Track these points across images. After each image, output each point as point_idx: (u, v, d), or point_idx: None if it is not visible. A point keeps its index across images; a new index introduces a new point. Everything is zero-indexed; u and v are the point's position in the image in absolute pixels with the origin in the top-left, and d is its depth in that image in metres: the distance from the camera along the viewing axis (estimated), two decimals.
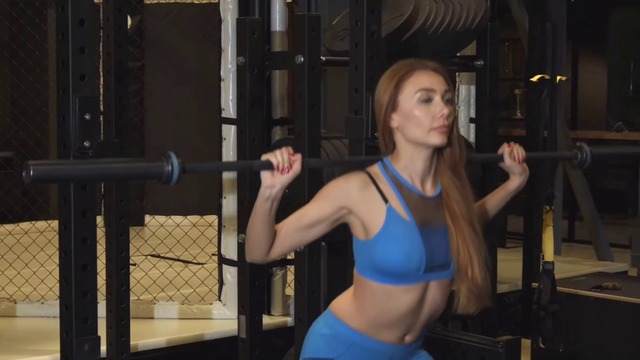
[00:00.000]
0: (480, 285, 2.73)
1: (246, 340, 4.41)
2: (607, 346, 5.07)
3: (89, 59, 3.09)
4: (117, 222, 4.27)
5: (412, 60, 2.76)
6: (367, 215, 2.70)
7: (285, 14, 5.19)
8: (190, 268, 6.16)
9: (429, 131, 2.68)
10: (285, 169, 2.60)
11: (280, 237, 2.72)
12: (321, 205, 2.72)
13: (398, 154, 2.75)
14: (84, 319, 3.13)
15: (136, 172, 2.52)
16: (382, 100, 2.74)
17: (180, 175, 2.46)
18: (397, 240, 2.68)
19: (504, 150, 3.01)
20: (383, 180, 2.73)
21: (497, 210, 3.11)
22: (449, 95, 2.72)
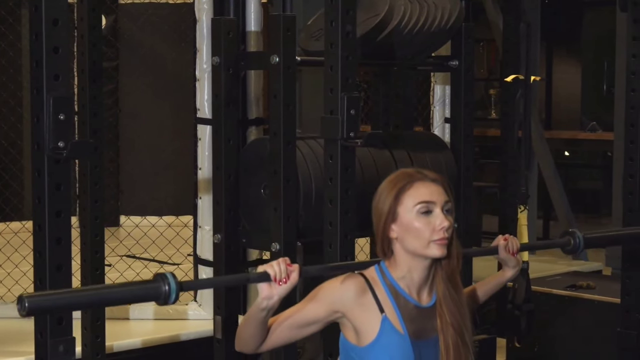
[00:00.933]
0: None
1: (222, 341, 4.40)
2: (581, 345, 5.10)
3: (63, 59, 3.07)
4: (92, 222, 4.26)
5: (411, 171, 2.77)
6: (361, 322, 2.70)
7: (260, 14, 5.18)
8: (166, 268, 6.15)
9: (429, 243, 2.68)
10: (283, 280, 2.58)
11: (272, 334, 2.72)
12: (316, 307, 2.72)
13: (396, 262, 2.75)
14: (59, 320, 3.11)
15: (134, 295, 2.50)
16: (381, 211, 2.74)
17: (178, 295, 2.44)
18: (389, 354, 2.69)
19: (499, 244, 3.01)
20: (380, 288, 2.73)
21: (487, 297, 3.12)
22: (449, 206, 2.71)
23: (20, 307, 2.31)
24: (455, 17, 4.86)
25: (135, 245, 6.61)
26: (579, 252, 3.22)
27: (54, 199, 3.09)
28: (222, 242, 4.39)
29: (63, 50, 3.07)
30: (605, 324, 4.95)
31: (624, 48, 5.85)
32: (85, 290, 2.59)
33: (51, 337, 3.09)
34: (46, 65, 3.05)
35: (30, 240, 3.27)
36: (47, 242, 3.11)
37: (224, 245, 4.39)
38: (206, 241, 5.05)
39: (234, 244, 4.43)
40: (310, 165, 4.43)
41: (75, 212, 4.50)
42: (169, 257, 6.41)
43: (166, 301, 2.43)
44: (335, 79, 3.96)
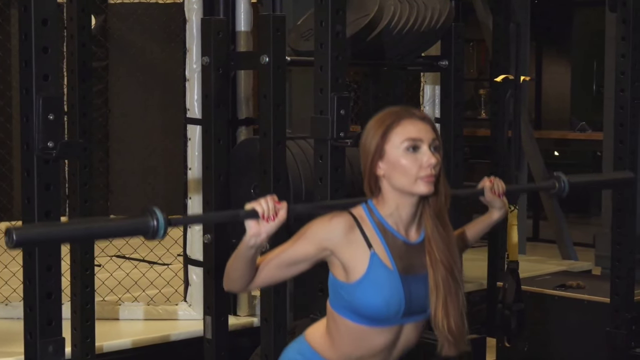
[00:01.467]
0: (455, 334, 2.77)
1: (212, 341, 4.40)
2: (571, 344, 5.11)
3: (52, 59, 3.07)
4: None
5: (399, 109, 2.77)
6: (350, 259, 2.70)
7: (250, 14, 5.18)
8: (156, 269, 6.14)
9: (416, 180, 2.68)
10: (271, 217, 2.59)
11: (260, 273, 2.72)
12: (304, 245, 2.72)
13: (384, 200, 2.75)
14: (48, 321, 3.11)
15: (122, 229, 2.49)
16: (369, 148, 2.74)
17: (166, 229, 2.45)
18: (378, 288, 2.68)
19: (485, 185, 3.02)
20: (368, 224, 2.73)
21: (476, 239, 3.14)
22: (436, 144, 2.72)
23: (7, 240, 2.29)
24: (445, 17, 4.87)
25: (125, 246, 6.60)
26: (564, 194, 3.22)
27: (44, 199, 3.09)
28: (212, 242, 4.39)
29: (52, 50, 3.07)
30: (594, 323, 4.96)
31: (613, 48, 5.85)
32: (74, 223, 2.57)
33: (41, 337, 3.09)
34: (35, 65, 3.05)
35: None
36: None
37: (214, 245, 4.39)
38: (196, 241, 5.05)
39: (223, 243, 4.43)
40: (300, 165, 4.43)
41: (65, 213, 4.49)
42: (158, 257, 6.40)
43: (154, 236, 2.44)
44: (325, 79, 3.96)
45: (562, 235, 8.21)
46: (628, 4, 4.72)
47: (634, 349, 4.73)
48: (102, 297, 5.32)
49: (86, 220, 2.65)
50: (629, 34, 4.73)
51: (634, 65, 4.74)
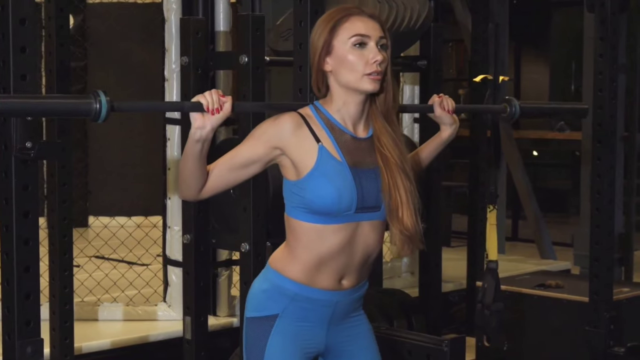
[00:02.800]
0: (410, 228, 2.76)
1: (192, 342, 4.39)
2: (550, 344, 5.12)
3: (30, 59, 3.06)
4: (60, 223, 4.23)
5: (349, 5, 2.80)
6: (299, 155, 2.73)
7: (229, 14, 5.17)
8: (135, 269, 6.12)
9: (362, 77, 2.71)
10: (216, 110, 2.61)
11: (213, 177, 2.73)
12: (254, 145, 2.73)
13: (331, 98, 2.78)
14: (27, 322, 3.09)
15: (64, 108, 2.51)
16: (317, 44, 2.77)
17: (108, 113, 2.46)
18: (328, 179, 2.70)
19: (434, 101, 3.05)
20: (315, 122, 2.76)
21: (430, 159, 3.15)
22: (383, 42, 2.75)
23: None
24: (424, 17, 4.88)
25: (104, 246, 6.59)
26: (514, 118, 3.24)
27: (22, 200, 3.07)
28: (192, 242, 4.38)
29: (30, 50, 3.05)
30: (573, 322, 4.98)
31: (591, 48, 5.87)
32: (17, 97, 2.56)
33: (19, 338, 3.07)
34: (13, 64, 3.03)
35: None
36: (14, 243, 3.09)
37: (194, 245, 4.38)
38: (175, 242, 5.04)
39: (203, 244, 4.42)
40: None
41: (43, 213, 4.47)
42: (138, 257, 6.38)
43: (96, 117, 2.45)
44: (305, 79, 3.95)
45: (540, 234, 8.24)
46: (606, 4, 4.73)
47: (612, 348, 4.75)
48: (81, 298, 5.30)
49: (31, 96, 2.64)
50: (607, 34, 4.74)
51: (612, 65, 4.76)
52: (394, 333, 4.23)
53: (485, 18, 6.47)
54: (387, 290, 5.32)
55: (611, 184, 4.80)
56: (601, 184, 4.77)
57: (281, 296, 2.79)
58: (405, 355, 4.10)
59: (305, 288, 2.79)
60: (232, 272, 5.23)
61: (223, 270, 5.18)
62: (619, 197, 7.01)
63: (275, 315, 2.80)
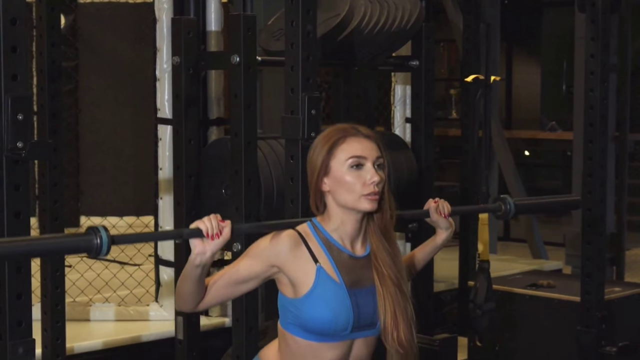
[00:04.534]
0: (405, 346, 2.77)
1: (183, 342, 4.38)
2: (542, 343, 5.13)
3: (21, 59, 3.05)
4: (51, 223, 4.23)
5: (345, 126, 2.81)
6: (297, 274, 2.73)
7: (220, 13, 5.17)
8: (127, 269, 6.12)
9: (360, 197, 2.72)
10: (215, 235, 2.61)
11: (210, 292, 2.74)
12: (252, 263, 2.74)
13: (329, 216, 2.79)
14: (18, 322, 3.09)
15: (66, 247, 2.51)
16: (314, 164, 2.78)
17: (109, 248, 2.46)
18: (325, 301, 2.71)
19: (430, 206, 3.04)
20: (313, 240, 2.76)
21: (424, 263, 3.15)
22: (380, 161, 2.76)
23: None
24: (415, 17, 4.88)
25: None
26: (509, 216, 3.26)
27: (13, 200, 3.06)
28: (183, 242, 4.38)
29: (21, 50, 3.05)
30: (565, 322, 4.99)
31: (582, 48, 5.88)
32: (16, 240, 2.55)
33: (10, 339, 3.07)
34: (4, 64, 3.02)
35: None
36: None
37: (185, 245, 4.37)
38: (167, 242, 5.03)
39: None
40: (271, 165, 4.43)
41: (35, 213, 4.47)
42: (130, 257, 6.38)
43: (97, 254, 2.45)
44: (296, 78, 3.95)
45: (532, 234, 8.26)
46: (597, 4, 4.74)
47: (604, 347, 4.75)
48: (72, 298, 5.29)
49: (30, 238, 2.64)
50: (598, 34, 4.75)
51: (603, 65, 4.77)
52: None
53: (476, 18, 6.48)
54: None
55: (602, 184, 4.81)
56: (592, 183, 4.78)
57: None
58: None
59: None
60: None
61: (215, 271, 5.17)
62: (610, 197, 7.02)
63: None
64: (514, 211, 3.25)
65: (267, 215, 4.33)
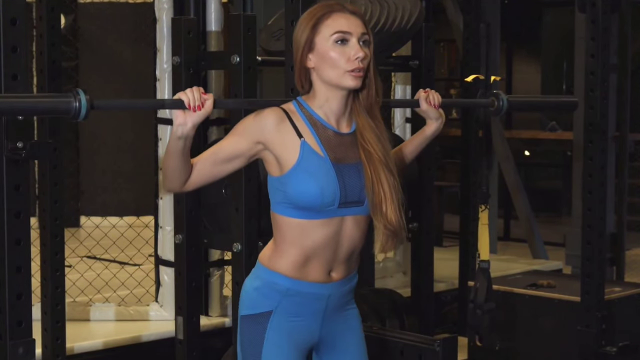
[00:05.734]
0: (394, 223, 2.78)
1: (184, 342, 4.38)
2: (542, 343, 5.13)
3: (21, 59, 3.05)
4: (51, 223, 4.23)
5: (331, 2, 2.80)
6: (282, 150, 2.74)
7: (220, 13, 5.17)
8: (127, 269, 6.12)
9: (344, 73, 2.72)
10: (197, 107, 2.62)
11: (196, 171, 2.75)
12: (237, 140, 2.75)
13: (314, 94, 2.80)
14: (18, 322, 3.09)
15: (43, 107, 2.51)
16: (299, 41, 2.78)
17: (88, 112, 2.45)
18: (310, 174, 2.72)
19: (420, 96, 3.04)
20: (298, 117, 2.77)
21: (414, 155, 3.14)
22: (365, 38, 2.76)
23: None
24: (415, 17, 4.88)
25: (96, 246, 6.57)
26: (502, 112, 3.23)
27: (13, 200, 3.07)
28: (184, 242, 4.38)
29: (21, 50, 3.05)
30: (565, 322, 4.98)
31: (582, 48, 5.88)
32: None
33: (11, 338, 3.07)
34: (4, 64, 3.03)
35: None
36: (6, 244, 3.08)
37: (185, 245, 4.38)
38: (167, 241, 5.03)
39: (195, 244, 4.42)
40: None
41: (35, 213, 4.47)
42: (130, 257, 6.38)
43: (76, 117, 2.45)
44: None
45: (532, 234, 8.25)
46: (597, 4, 4.74)
47: (604, 347, 4.75)
48: (72, 298, 5.29)
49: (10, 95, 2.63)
50: (599, 35, 4.75)
51: (604, 66, 4.77)
52: (386, 333, 4.23)
53: (476, 18, 6.47)
54: (380, 290, 5.32)
55: (603, 184, 4.81)
56: (593, 183, 4.78)
57: (273, 292, 2.81)
58: (397, 355, 4.10)
59: (296, 282, 2.80)
60: (224, 272, 5.22)
61: (215, 270, 5.18)
62: (610, 197, 7.01)
63: (270, 312, 2.81)
64: (507, 106, 3.21)
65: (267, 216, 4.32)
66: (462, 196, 6.42)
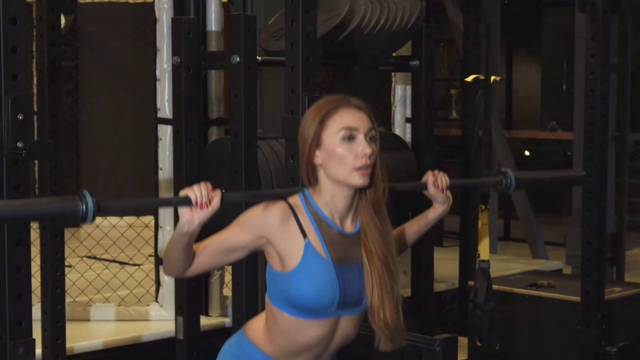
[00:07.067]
0: (391, 327, 2.75)
1: (184, 342, 4.38)
2: (542, 343, 5.13)
3: (21, 59, 3.05)
4: (51, 223, 4.23)
5: (337, 97, 2.77)
6: (285, 248, 2.71)
7: (220, 13, 5.17)
8: (127, 269, 6.12)
9: (352, 171, 2.68)
10: (204, 204, 2.58)
11: (198, 259, 2.73)
12: (240, 232, 2.73)
13: (320, 189, 2.76)
14: (18, 322, 3.09)
15: (50, 212, 2.51)
16: (306, 136, 2.74)
17: (95, 214, 2.44)
18: (312, 277, 2.69)
19: (428, 179, 3.00)
20: (303, 214, 2.74)
21: (416, 238, 3.10)
22: (372, 134, 2.72)
23: None
24: (415, 17, 4.88)
25: (96, 246, 6.57)
26: (510, 190, 3.23)
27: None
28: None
29: (21, 50, 3.05)
30: (565, 322, 4.98)
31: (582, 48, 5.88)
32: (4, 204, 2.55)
33: (11, 338, 3.07)
34: (4, 64, 3.03)
35: None
36: (6, 244, 3.08)
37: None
38: (167, 241, 5.03)
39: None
40: (271, 165, 4.43)
41: None
42: (130, 257, 6.37)
43: (83, 220, 2.43)
44: (296, 79, 3.96)
45: (532, 234, 8.25)
46: (597, 4, 4.74)
47: (604, 347, 4.75)
48: (72, 298, 5.29)
49: (16, 202, 2.63)
50: (599, 35, 4.75)
51: (604, 66, 4.77)
52: None
53: (476, 18, 6.47)
54: None
55: (603, 184, 4.81)
56: (593, 183, 4.78)
57: None
58: (397, 355, 4.10)
59: None
60: (224, 272, 5.22)
61: (215, 270, 5.18)
62: (610, 197, 7.01)
63: None
64: (515, 185, 3.22)
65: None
66: (463, 196, 6.42)
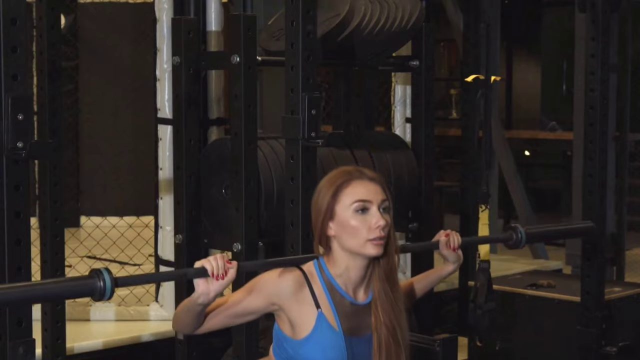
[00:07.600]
0: None
1: (184, 342, 4.38)
2: (542, 343, 5.13)
3: (21, 59, 3.05)
4: (51, 223, 4.23)
5: (350, 169, 2.79)
6: (297, 316, 2.73)
7: (220, 13, 5.17)
8: (127, 269, 6.12)
9: (365, 242, 2.70)
10: (221, 276, 2.57)
11: (209, 320, 2.75)
12: (253, 299, 2.74)
13: (334, 259, 2.77)
14: (19, 322, 3.08)
15: (69, 291, 2.50)
16: (319, 208, 2.76)
17: (113, 291, 2.43)
18: (322, 349, 2.70)
19: (441, 239, 3.04)
20: (317, 283, 2.75)
21: (425, 292, 3.14)
22: (386, 205, 2.74)
23: None
24: (415, 17, 4.88)
25: (96, 246, 6.57)
26: (521, 246, 3.25)
27: (13, 200, 3.06)
28: (184, 242, 4.38)
29: (21, 50, 3.05)
30: (565, 322, 4.98)
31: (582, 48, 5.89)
32: (18, 287, 2.55)
33: (10, 338, 3.06)
34: (4, 64, 3.02)
35: None
36: (6, 244, 3.08)
37: (185, 245, 4.38)
38: (167, 241, 5.03)
39: (195, 244, 4.42)
40: (271, 165, 4.43)
41: (35, 213, 4.46)
42: (130, 257, 6.37)
43: (101, 297, 2.42)
44: (296, 78, 3.95)
45: None
46: (597, 4, 4.74)
47: (604, 347, 4.75)
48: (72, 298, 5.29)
49: (32, 283, 2.64)
50: (599, 35, 4.75)
51: (604, 65, 4.77)
52: None
53: (476, 18, 6.47)
54: None
55: (603, 184, 4.81)
56: (593, 183, 4.78)
57: None
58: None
59: None
60: None
61: None
62: (610, 197, 7.01)
63: None
64: (525, 240, 3.23)
65: (267, 216, 4.33)
66: (462, 196, 6.42)
